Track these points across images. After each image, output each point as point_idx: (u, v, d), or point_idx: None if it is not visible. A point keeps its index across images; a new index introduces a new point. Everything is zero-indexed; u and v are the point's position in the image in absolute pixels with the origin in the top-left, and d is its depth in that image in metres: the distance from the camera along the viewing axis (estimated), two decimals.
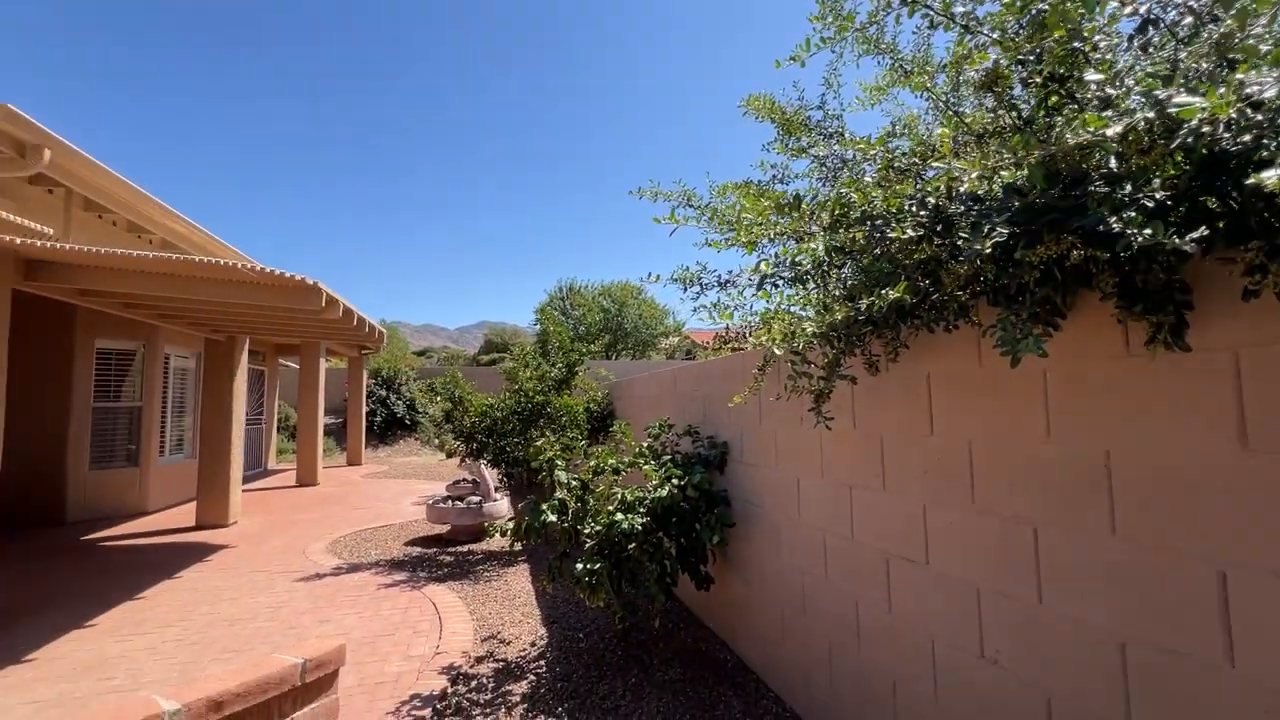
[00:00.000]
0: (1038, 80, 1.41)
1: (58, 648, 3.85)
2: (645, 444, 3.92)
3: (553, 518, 3.47)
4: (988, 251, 1.26)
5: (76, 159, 4.44)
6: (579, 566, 3.30)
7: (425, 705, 3.05)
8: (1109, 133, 1.11)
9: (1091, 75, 1.29)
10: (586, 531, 3.47)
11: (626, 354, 30.20)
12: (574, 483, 3.61)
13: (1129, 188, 1.15)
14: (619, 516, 3.27)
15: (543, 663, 3.51)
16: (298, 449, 11.44)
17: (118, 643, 3.92)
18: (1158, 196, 1.13)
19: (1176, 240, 1.05)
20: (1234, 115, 1.04)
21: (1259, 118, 1.05)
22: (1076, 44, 1.32)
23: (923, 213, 1.46)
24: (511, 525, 3.62)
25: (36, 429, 7.44)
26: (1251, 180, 0.98)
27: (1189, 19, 1.35)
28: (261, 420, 13.44)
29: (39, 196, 4.74)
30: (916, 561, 2.13)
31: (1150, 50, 1.42)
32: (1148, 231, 1.05)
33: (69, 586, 5.10)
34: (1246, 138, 1.05)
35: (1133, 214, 1.09)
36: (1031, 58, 1.43)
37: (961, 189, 1.44)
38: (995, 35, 1.55)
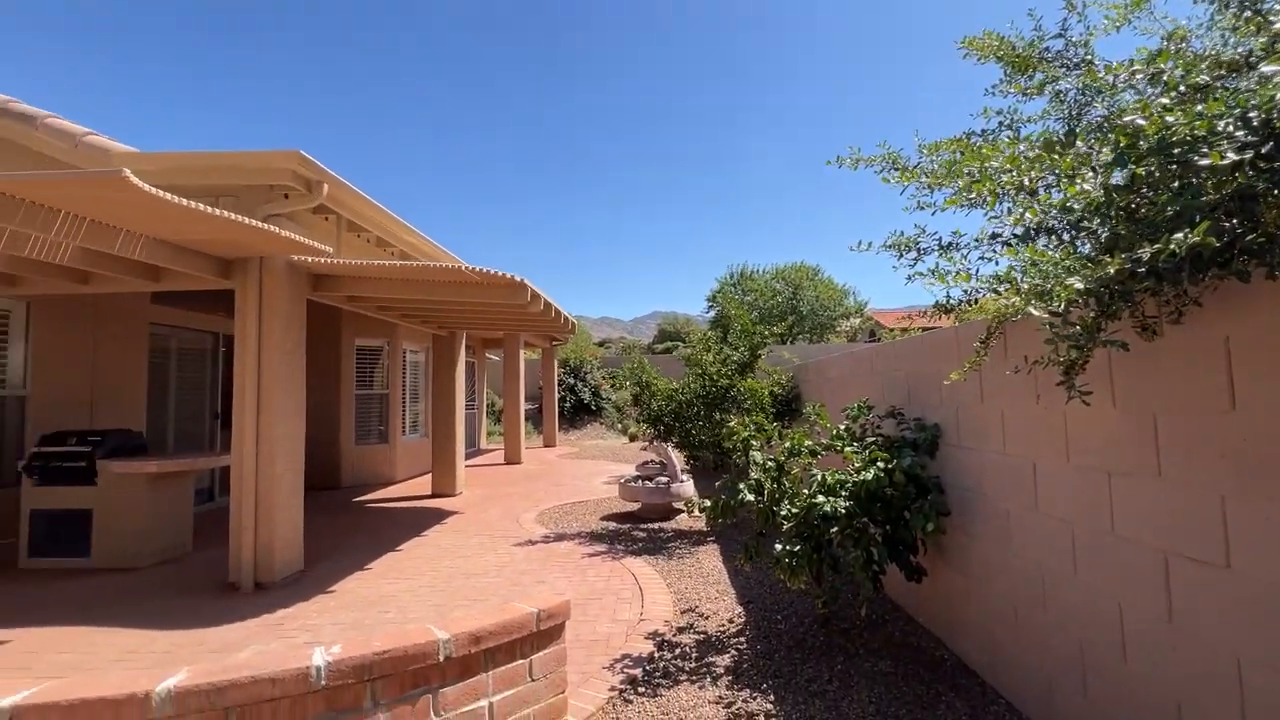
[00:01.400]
0: None
1: (347, 584, 4.79)
2: (842, 426, 3.75)
3: (750, 497, 3.48)
4: None
5: (344, 189, 5.43)
6: (778, 548, 3.27)
7: (635, 665, 3.26)
8: None
9: None
10: (783, 513, 3.43)
11: (803, 338, 29.14)
12: (770, 464, 3.59)
13: None
14: (819, 499, 3.18)
15: (743, 639, 3.56)
16: (504, 431, 12.87)
17: (388, 584, 4.77)
18: None
19: None
20: None
21: None
22: None
23: (1240, 132, 1.18)
24: (709, 503, 3.71)
25: (322, 412, 9.28)
26: None
27: None
28: (474, 406, 15.35)
29: (318, 223, 5.89)
30: (1211, 564, 1.77)
31: None
32: None
33: (349, 538, 6.32)
34: None
35: None
36: None
37: None
38: None
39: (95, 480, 5.40)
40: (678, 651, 3.43)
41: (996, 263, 2.17)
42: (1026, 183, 1.69)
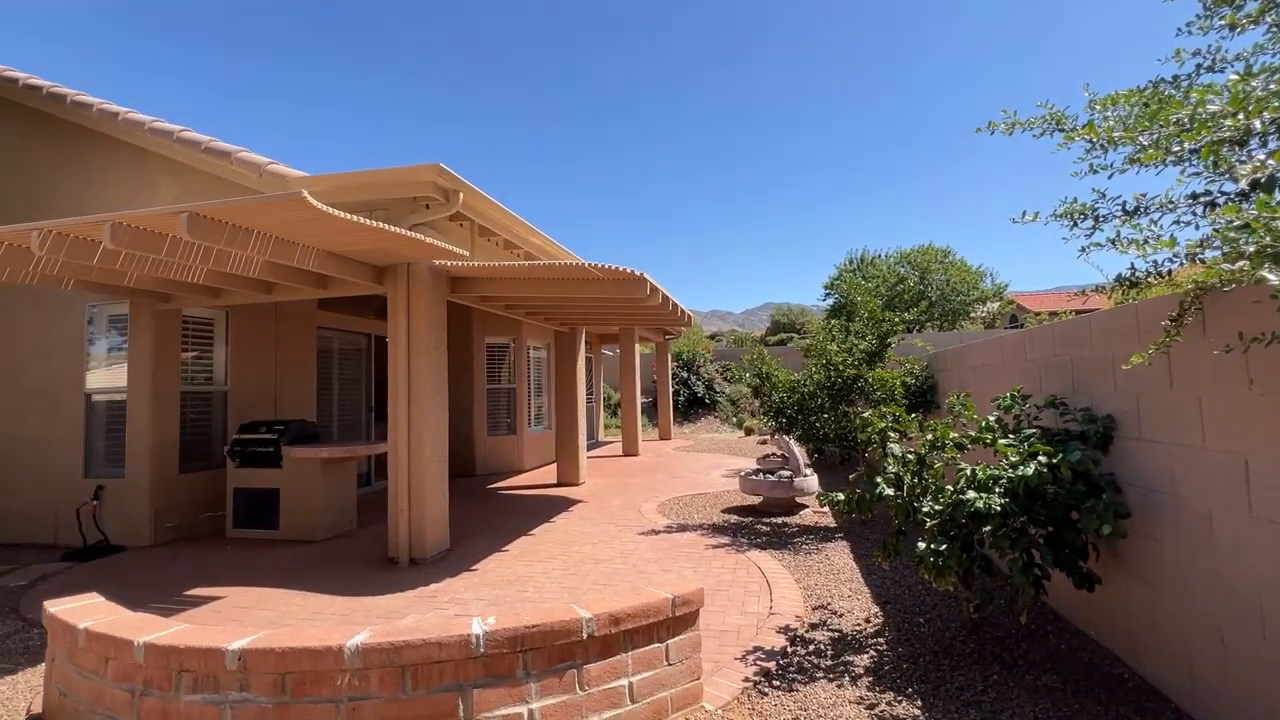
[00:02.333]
0: None
1: (488, 564, 5.15)
2: (991, 418, 3.44)
3: (889, 491, 3.29)
4: None
5: (477, 196, 5.82)
6: (921, 546, 3.07)
7: (769, 659, 3.21)
8: None
9: None
10: (925, 509, 3.21)
11: (931, 325, 27.13)
12: (909, 457, 3.37)
13: None
14: (969, 495, 2.94)
15: (881, 640, 3.39)
16: (621, 424, 13.20)
17: (523, 566, 5.07)
18: None
19: None
20: None
21: None
22: None
23: None
24: (841, 497, 3.56)
25: (458, 405, 10.02)
26: None
27: None
28: (591, 399, 15.88)
29: (454, 229, 6.36)
30: None
31: None
32: None
33: (486, 521, 6.79)
34: None
35: None
36: None
37: None
38: None
39: (281, 464, 6.23)
40: (812, 648, 3.34)
41: (1197, 226, 1.87)
42: (1258, 126, 1.43)
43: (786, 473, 6.72)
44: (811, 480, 6.66)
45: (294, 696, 2.17)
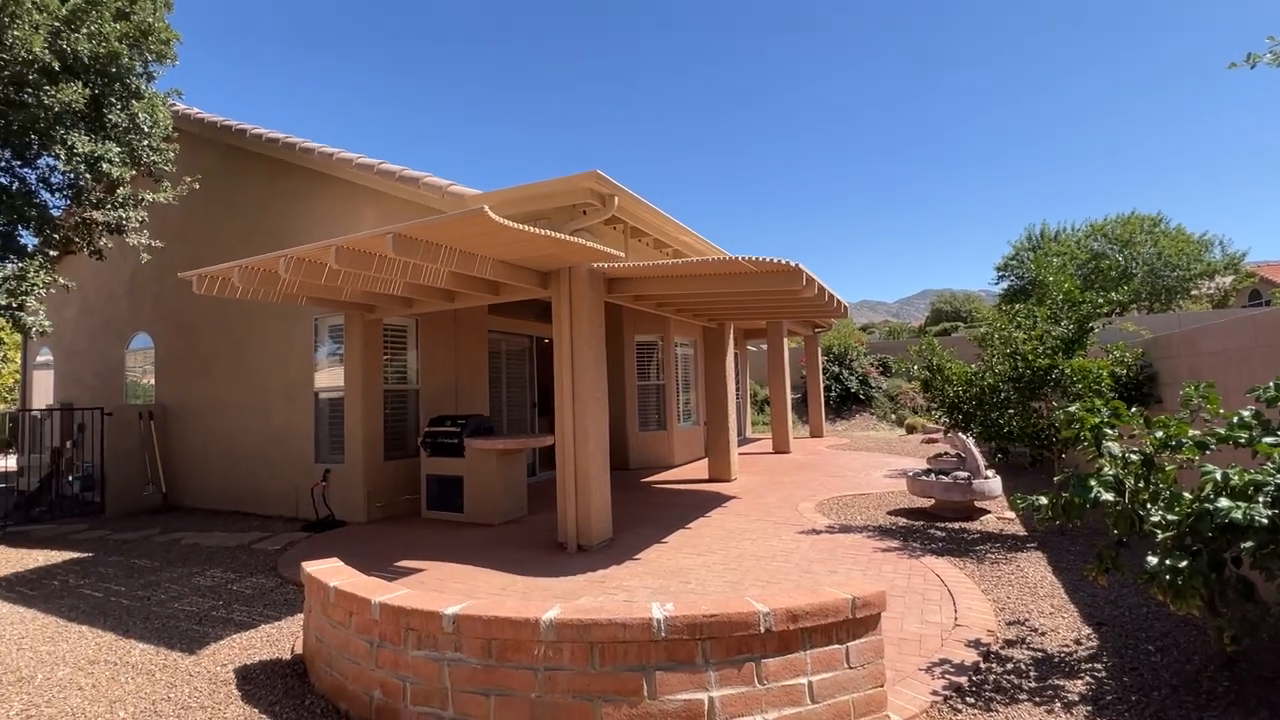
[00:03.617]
0: None
1: (649, 554, 5.31)
2: (1246, 412, 2.85)
3: (1107, 496, 2.86)
4: None
5: (629, 199, 6.03)
6: (1152, 561, 2.63)
7: (959, 673, 2.95)
8: None
9: None
10: (1154, 519, 2.75)
11: (1137, 306, 23.20)
12: (1132, 457, 2.90)
13: None
14: (1222, 503, 2.46)
15: (1099, 666, 2.96)
16: (771, 420, 12.92)
17: (684, 558, 5.16)
18: None
19: None
20: None
21: None
22: None
23: None
24: (1043, 501, 3.16)
25: (612, 401, 10.46)
26: None
27: None
28: (740, 395, 15.73)
29: (608, 232, 6.64)
30: None
31: None
32: None
33: (643, 513, 7.01)
34: None
35: None
36: None
37: None
38: None
39: (464, 454, 6.94)
40: (1010, 667, 3.01)
41: None
42: None
43: (963, 474, 6.13)
44: (993, 483, 6.01)
45: (499, 660, 2.40)
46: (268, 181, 8.41)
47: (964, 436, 6.26)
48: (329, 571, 3.15)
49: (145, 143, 6.39)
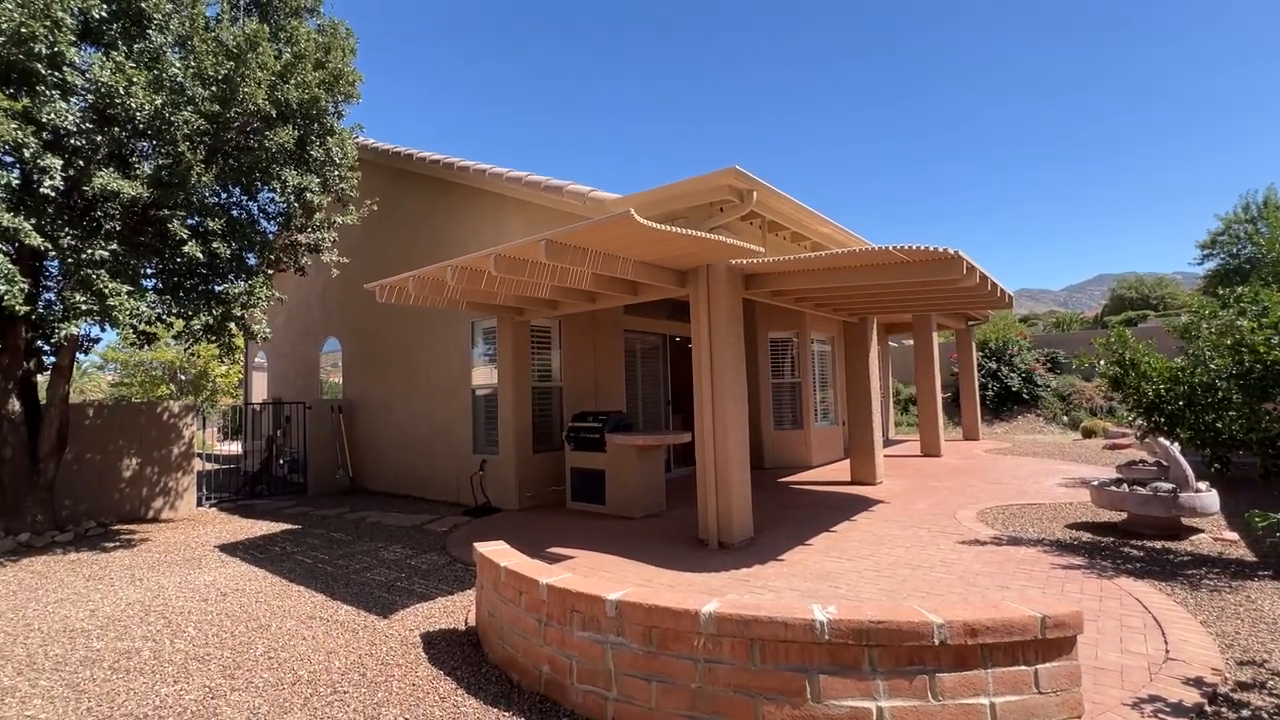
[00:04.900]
0: None
1: (793, 556, 5.17)
2: None
3: None
4: None
5: (769, 193, 5.92)
6: None
7: (1175, 713, 2.55)
8: None
9: None
10: None
11: None
12: None
13: None
14: None
15: None
16: (919, 420, 12.02)
17: (830, 561, 4.96)
18: None
19: None
20: None
21: None
22: None
23: None
24: None
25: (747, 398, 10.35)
26: None
27: None
28: (882, 394, 14.82)
29: (745, 228, 6.56)
30: None
31: None
32: None
33: (782, 513, 6.84)
34: None
35: None
36: None
37: None
38: None
39: (605, 449, 7.22)
40: (1247, 714, 2.55)
41: None
42: None
43: (1166, 485, 5.28)
44: (1207, 498, 5.12)
45: (659, 648, 2.48)
46: (428, 198, 9.34)
47: (1166, 442, 5.39)
48: (498, 552, 3.43)
49: (336, 173, 7.37)
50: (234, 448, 17.03)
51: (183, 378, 23.43)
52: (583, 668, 2.68)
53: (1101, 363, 5.62)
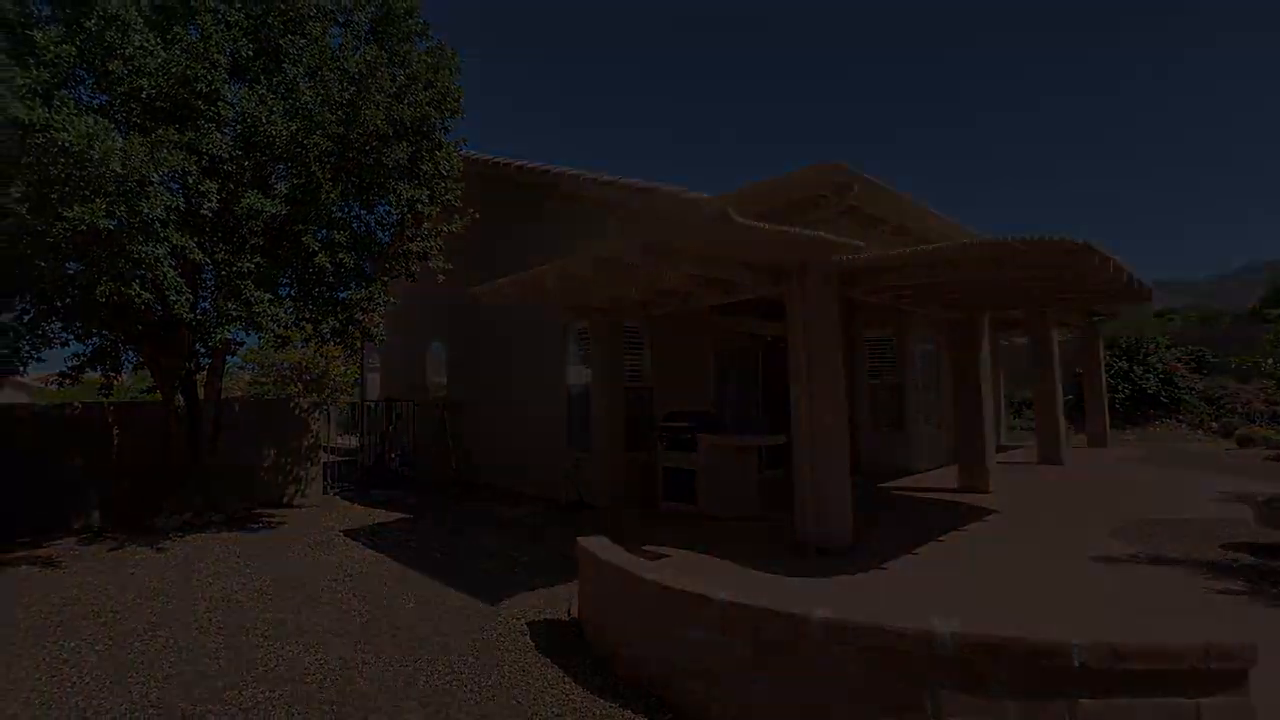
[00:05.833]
0: None
1: (897, 565, 4.91)
2: None
3: None
4: None
5: (869, 186, 5.69)
6: None
7: None
8: None
9: None
10: None
11: None
12: None
13: None
14: None
15: None
16: (1037, 425, 11.09)
17: (940, 572, 4.68)
18: None
19: None
20: None
21: None
22: None
23: None
24: None
25: None
26: None
27: None
28: (991, 395, 13.79)
29: (842, 222, 6.34)
30: None
31: None
32: None
33: (884, 519, 6.53)
34: None
35: None
36: None
37: None
38: None
39: (696, 449, 7.21)
40: None
41: None
42: None
43: None
44: None
45: (766, 651, 2.45)
46: (523, 204, 9.73)
47: None
48: (601, 547, 3.52)
49: (444, 185, 7.86)
50: (351, 441, 18.56)
51: (307, 377, 25.85)
52: (687, 666, 2.70)
53: (1270, 360, 4.94)
